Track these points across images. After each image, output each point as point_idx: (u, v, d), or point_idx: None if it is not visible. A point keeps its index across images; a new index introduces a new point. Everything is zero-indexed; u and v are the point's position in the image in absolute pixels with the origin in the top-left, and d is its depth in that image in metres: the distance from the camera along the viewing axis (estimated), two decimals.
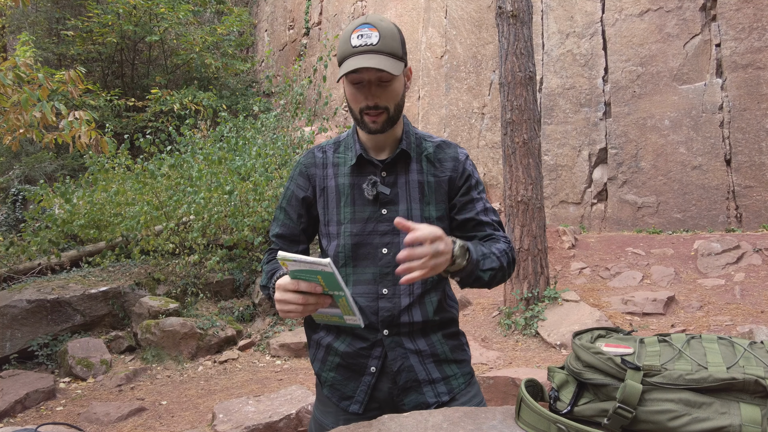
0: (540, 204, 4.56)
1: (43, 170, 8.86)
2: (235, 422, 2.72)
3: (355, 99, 1.16)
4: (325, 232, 1.25)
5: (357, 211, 1.21)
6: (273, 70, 12.20)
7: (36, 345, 4.47)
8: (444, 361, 1.24)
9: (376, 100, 1.13)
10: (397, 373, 1.20)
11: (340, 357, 1.23)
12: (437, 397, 1.21)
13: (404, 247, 1.00)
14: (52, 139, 4.58)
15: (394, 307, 1.19)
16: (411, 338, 1.21)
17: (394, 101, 1.16)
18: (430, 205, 1.23)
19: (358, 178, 1.22)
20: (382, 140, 1.23)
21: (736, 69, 5.71)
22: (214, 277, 5.49)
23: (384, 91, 1.14)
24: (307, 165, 1.28)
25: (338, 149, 1.28)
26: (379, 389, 1.21)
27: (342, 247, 1.21)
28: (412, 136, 1.27)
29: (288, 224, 1.29)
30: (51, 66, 9.48)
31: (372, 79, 1.12)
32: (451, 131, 8.35)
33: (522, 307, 4.46)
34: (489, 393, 3.20)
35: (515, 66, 4.56)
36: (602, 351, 1.00)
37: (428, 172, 1.24)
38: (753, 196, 5.62)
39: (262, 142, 6.44)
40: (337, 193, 1.23)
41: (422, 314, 1.21)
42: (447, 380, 1.23)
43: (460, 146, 1.31)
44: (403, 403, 1.21)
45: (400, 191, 1.22)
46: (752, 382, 0.85)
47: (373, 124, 1.16)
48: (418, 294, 1.21)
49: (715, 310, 4.12)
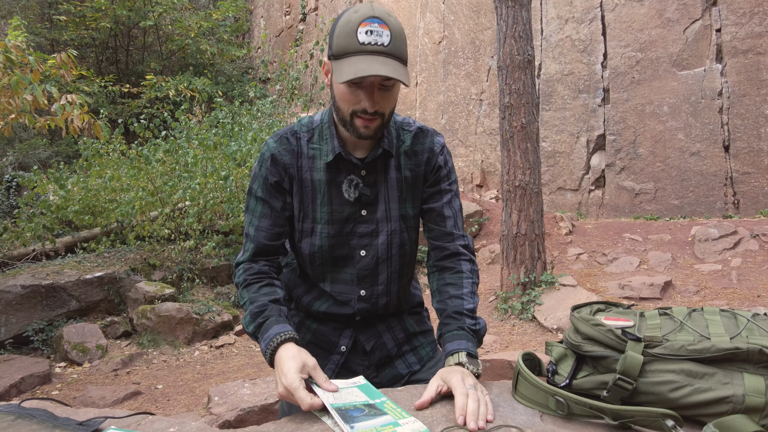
0: (538, 189, 4.53)
1: (36, 157, 8.78)
2: (231, 405, 2.71)
3: (349, 100, 1.04)
4: (298, 228, 1.17)
5: (335, 211, 1.15)
6: (269, 55, 12.07)
7: (31, 330, 4.45)
8: (412, 335, 1.27)
9: (376, 107, 1.04)
10: (371, 351, 1.22)
11: (312, 334, 1.23)
12: (409, 368, 1.25)
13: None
14: (45, 125, 4.51)
15: (371, 307, 1.20)
16: (382, 320, 1.24)
17: (390, 107, 1.08)
18: (407, 203, 1.19)
19: (335, 175, 1.15)
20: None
21: (736, 54, 5.66)
22: (210, 263, 5.47)
23: (384, 95, 1.04)
24: (281, 152, 1.15)
25: (312, 138, 1.16)
26: (348, 367, 1.22)
27: (318, 248, 1.16)
28: (392, 128, 1.19)
29: (269, 215, 1.15)
30: (44, 52, 9.33)
31: (376, 83, 1.02)
32: (449, 118, 8.29)
33: (519, 291, 4.45)
34: (485, 376, 3.19)
35: (514, 49, 4.50)
36: (602, 323, 0.98)
37: (405, 166, 1.19)
38: (751, 183, 5.61)
39: (258, 128, 6.38)
40: (312, 188, 1.15)
41: (397, 306, 1.24)
42: (416, 350, 1.27)
43: (438, 133, 1.23)
44: (377, 379, 1.23)
45: (380, 191, 1.17)
46: (756, 351, 0.83)
47: (364, 130, 1.06)
48: (394, 291, 1.21)
49: (711, 294, 4.12)
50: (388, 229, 1.17)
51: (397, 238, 1.18)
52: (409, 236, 1.21)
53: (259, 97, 8.57)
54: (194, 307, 4.76)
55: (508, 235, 4.54)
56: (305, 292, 1.23)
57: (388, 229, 1.17)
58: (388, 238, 1.18)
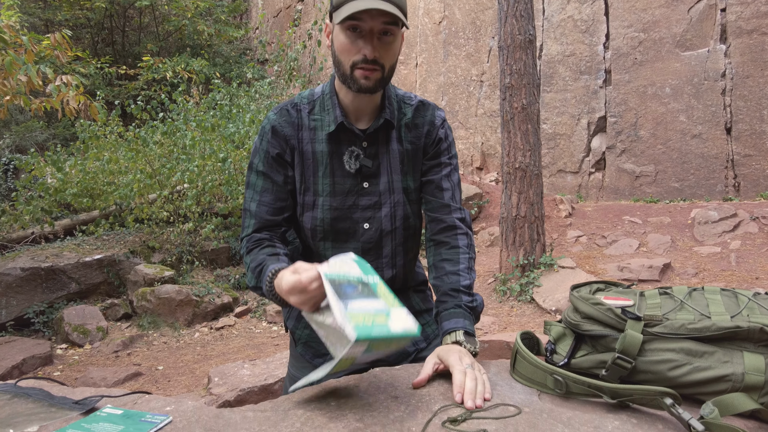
0: (538, 171, 4.51)
1: (33, 139, 8.72)
2: (231, 385, 2.73)
3: (349, 49, 1.03)
4: (299, 201, 1.16)
5: (337, 183, 1.14)
6: (267, 36, 11.91)
7: (32, 312, 4.47)
8: (418, 313, 1.27)
9: (375, 54, 1.03)
10: None
11: None
12: (415, 345, 1.26)
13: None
14: (41, 107, 4.46)
15: None
16: None
17: (391, 60, 1.06)
18: (408, 176, 1.19)
19: (337, 146, 1.14)
20: (364, 105, 1.14)
21: (740, 35, 5.58)
22: (209, 245, 5.47)
23: (384, 45, 1.04)
24: (281, 124, 1.14)
25: (313, 110, 1.16)
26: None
27: (320, 221, 1.15)
28: (393, 100, 1.18)
29: (271, 190, 1.14)
30: (37, 32, 9.21)
31: (375, 30, 1.01)
32: (449, 99, 8.21)
33: (517, 273, 4.45)
34: (484, 356, 3.21)
35: (515, 28, 4.43)
36: (602, 302, 0.97)
37: (406, 139, 1.19)
38: (752, 165, 5.58)
39: (256, 109, 6.32)
40: (314, 160, 1.14)
41: (402, 282, 1.23)
42: (422, 329, 1.27)
43: (439, 108, 1.23)
44: (383, 357, 1.21)
45: (382, 163, 1.16)
46: (757, 330, 0.82)
47: (365, 80, 1.05)
48: (400, 265, 1.21)
49: (710, 276, 4.12)
50: (392, 201, 1.17)
51: (401, 211, 1.18)
52: (412, 209, 1.20)
53: (257, 79, 8.48)
54: (194, 289, 4.77)
55: (508, 217, 4.53)
56: None
57: (392, 201, 1.17)
58: (392, 210, 1.17)
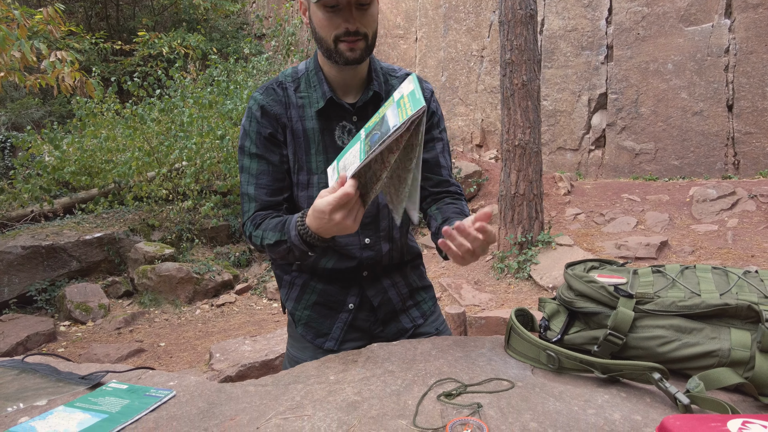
0: (537, 148, 4.49)
1: (29, 116, 8.65)
2: (232, 361, 2.78)
3: (328, 25, 1.04)
4: (294, 180, 1.15)
5: (330, 159, 1.13)
6: (264, 10, 11.69)
7: (34, 290, 4.51)
8: (415, 290, 1.30)
9: (356, 25, 1.03)
10: (378, 307, 1.23)
11: (318, 294, 1.23)
12: (413, 322, 1.28)
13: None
14: (36, 83, 4.41)
15: (376, 254, 1.20)
16: (387, 274, 1.25)
17: (372, 27, 1.06)
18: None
19: (327, 122, 1.13)
20: (350, 78, 1.13)
21: (746, 9, 5.49)
22: (209, 223, 5.49)
23: (363, 14, 1.03)
24: (269, 103, 1.12)
25: (299, 87, 1.14)
26: (355, 324, 1.23)
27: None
28: (380, 73, 1.18)
29: (268, 171, 1.12)
30: (29, 6, 9.03)
31: (352, 2, 1.01)
32: (449, 75, 8.12)
33: (515, 251, 4.49)
34: (480, 332, 3.27)
35: (516, 3, 4.36)
36: (595, 280, 0.99)
37: None
38: (752, 143, 5.56)
39: (254, 85, 6.26)
40: (305, 138, 1.13)
41: (399, 255, 1.25)
42: (418, 305, 1.30)
43: (426, 81, 1.23)
44: (383, 333, 1.25)
45: None
46: (745, 307, 0.84)
47: (350, 53, 1.05)
48: (397, 238, 1.22)
49: (706, 254, 4.16)
50: None
51: None
52: None
53: (255, 54, 8.35)
54: (194, 266, 4.81)
55: (507, 194, 4.54)
56: (299, 274, 1.24)
57: None
58: None
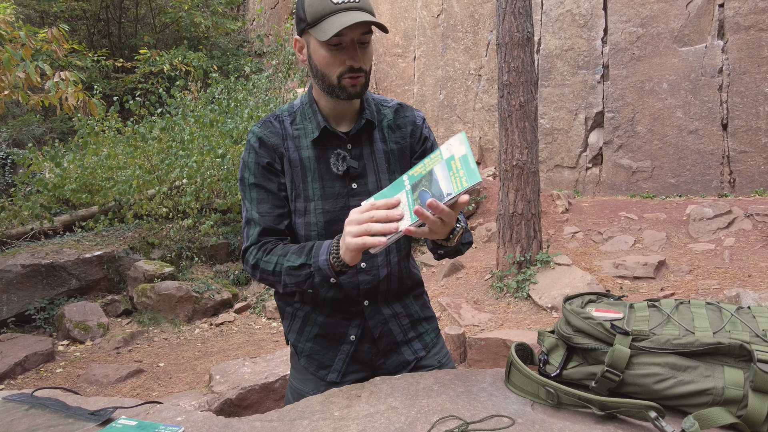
0: (535, 168, 4.54)
1: (31, 133, 8.70)
2: (232, 383, 2.78)
3: (333, 63, 1.08)
4: (292, 207, 1.19)
5: (326, 186, 1.17)
6: (264, 29, 11.84)
7: (33, 309, 4.50)
8: (417, 321, 1.30)
9: (361, 63, 1.08)
10: (378, 338, 1.24)
11: (320, 327, 1.24)
12: (415, 354, 1.28)
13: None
14: (38, 102, 4.46)
15: (373, 279, 1.21)
16: (387, 304, 1.25)
17: (369, 63, 1.12)
18: (396, 174, 1.22)
19: (322, 151, 1.18)
20: (345, 109, 1.18)
21: (738, 30, 5.60)
22: (208, 241, 5.50)
23: (364, 52, 1.09)
24: (267, 135, 1.18)
25: (295, 120, 1.20)
26: (357, 356, 1.24)
27: (314, 225, 1.17)
28: (371, 102, 1.23)
29: (267, 199, 1.17)
30: (33, 24, 9.15)
31: (355, 39, 1.07)
32: (447, 93, 8.21)
33: (514, 270, 4.51)
34: (480, 354, 3.27)
35: (513, 26, 4.44)
36: (592, 316, 1.01)
37: (390, 139, 1.23)
38: (747, 161, 5.62)
39: (254, 104, 6.32)
40: (302, 166, 1.17)
41: (398, 281, 1.25)
42: (421, 337, 1.30)
43: (416, 109, 1.30)
44: (384, 365, 1.26)
45: (367, 163, 1.20)
46: (737, 346, 0.87)
47: (353, 88, 1.10)
48: (394, 263, 1.23)
49: (704, 274, 4.18)
50: None
51: None
52: None
53: (255, 72, 8.45)
54: (194, 285, 4.81)
55: (505, 214, 4.57)
56: (301, 305, 1.25)
57: None
58: None
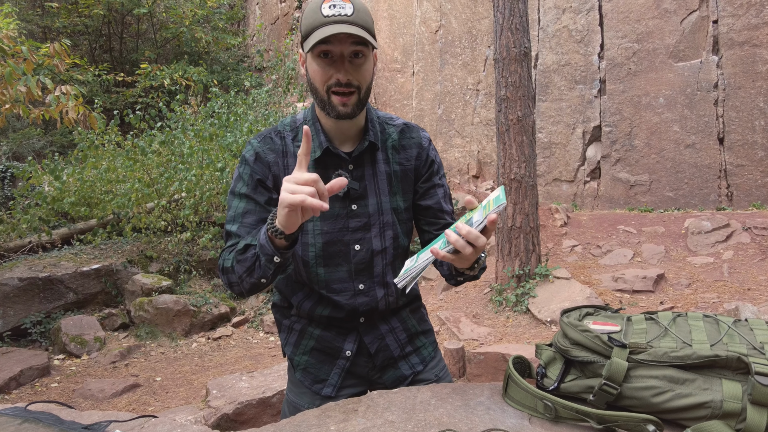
0: (533, 182, 4.56)
1: (31, 147, 8.73)
2: (229, 398, 2.75)
3: (322, 75, 1.05)
4: None
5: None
6: (264, 44, 11.97)
7: (29, 322, 4.48)
8: (414, 335, 1.29)
9: (348, 77, 1.04)
10: (375, 354, 1.23)
11: (315, 340, 1.23)
12: (412, 368, 1.27)
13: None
14: (39, 115, 4.49)
15: (371, 300, 1.20)
16: (384, 320, 1.25)
17: (365, 81, 1.07)
18: (397, 196, 1.21)
19: (324, 171, 1.14)
20: (347, 129, 1.15)
21: (732, 46, 5.67)
22: (206, 255, 5.49)
23: (356, 68, 1.05)
24: (265, 151, 1.14)
25: (297, 137, 1.16)
26: (353, 371, 1.23)
27: (312, 246, 1.16)
28: (376, 122, 1.20)
29: (254, 211, 1.12)
30: (35, 39, 9.24)
31: (345, 53, 1.03)
32: (446, 108, 8.28)
33: (513, 284, 4.50)
34: (479, 368, 3.25)
35: (510, 42, 4.50)
36: (589, 329, 1.01)
37: (393, 160, 1.20)
38: (744, 175, 5.65)
39: (254, 119, 6.36)
40: None
41: (395, 300, 1.24)
42: (418, 351, 1.29)
43: (422, 129, 1.26)
44: (381, 380, 1.25)
45: (369, 184, 1.17)
46: (735, 359, 0.86)
47: (342, 107, 1.06)
48: (391, 283, 1.22)
49: (703, 287, 4.18)
50: (381, 222, 1.19)
51: (390, 231, 1.20)
52: (401, 229, 1.22)
53: (255, 87, 8.52)
54: (191, 299, 4.79)
55: (503, 227, 4.58)
56: (305, 297, 1.23)
57: (381, 222, 1.19)
58: (381, 230, 1.19)
